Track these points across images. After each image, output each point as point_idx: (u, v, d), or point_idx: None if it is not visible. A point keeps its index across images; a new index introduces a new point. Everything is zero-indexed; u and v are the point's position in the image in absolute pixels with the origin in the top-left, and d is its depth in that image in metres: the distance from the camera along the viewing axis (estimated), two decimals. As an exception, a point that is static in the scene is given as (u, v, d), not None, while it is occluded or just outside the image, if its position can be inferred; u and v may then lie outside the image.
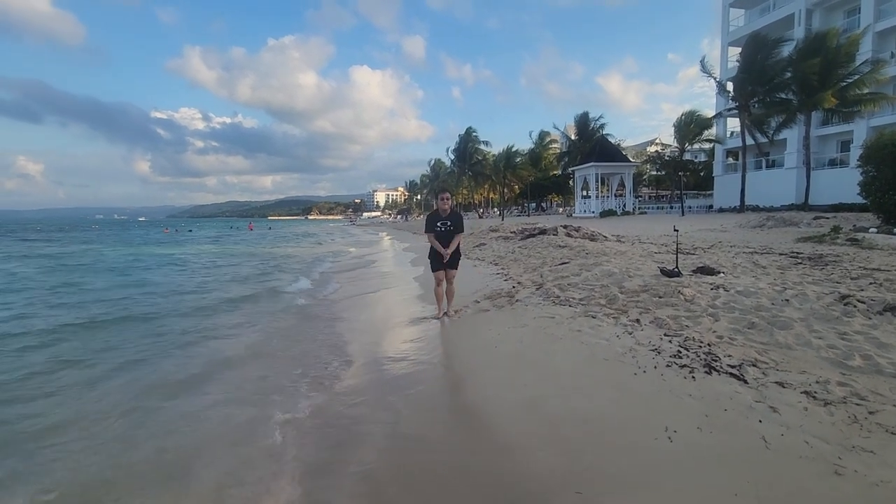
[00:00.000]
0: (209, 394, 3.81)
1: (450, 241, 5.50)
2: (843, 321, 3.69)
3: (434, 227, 5.55)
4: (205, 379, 4.17)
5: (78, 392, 3.93)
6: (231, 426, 3.17)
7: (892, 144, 11.56)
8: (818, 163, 28.22)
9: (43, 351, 5.20)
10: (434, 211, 5.65)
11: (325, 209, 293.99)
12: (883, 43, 26.33)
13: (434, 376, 3.77)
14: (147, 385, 4.05)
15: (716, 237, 13.58)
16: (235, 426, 3.16)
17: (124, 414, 3.45)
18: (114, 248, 25.10)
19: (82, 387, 4.04)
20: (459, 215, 5.70)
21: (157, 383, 4.09)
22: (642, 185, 52.70)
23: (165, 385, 4.04)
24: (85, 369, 4.53)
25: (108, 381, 4.17)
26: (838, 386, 2.71)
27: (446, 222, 5.52)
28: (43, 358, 4.90)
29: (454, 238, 5.52)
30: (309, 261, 16.94)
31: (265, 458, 2.67)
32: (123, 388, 3.99)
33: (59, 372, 4.44)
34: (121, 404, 3.63)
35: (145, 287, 10.35)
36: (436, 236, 5.54)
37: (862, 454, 2.07)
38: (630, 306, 4.76)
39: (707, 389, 2.84)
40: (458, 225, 5.57)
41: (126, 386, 4.06)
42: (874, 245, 9.50)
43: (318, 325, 6.20)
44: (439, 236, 5.53)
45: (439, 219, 5.53)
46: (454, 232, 5.52)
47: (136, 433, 3.13)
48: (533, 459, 2.34)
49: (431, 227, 5.57)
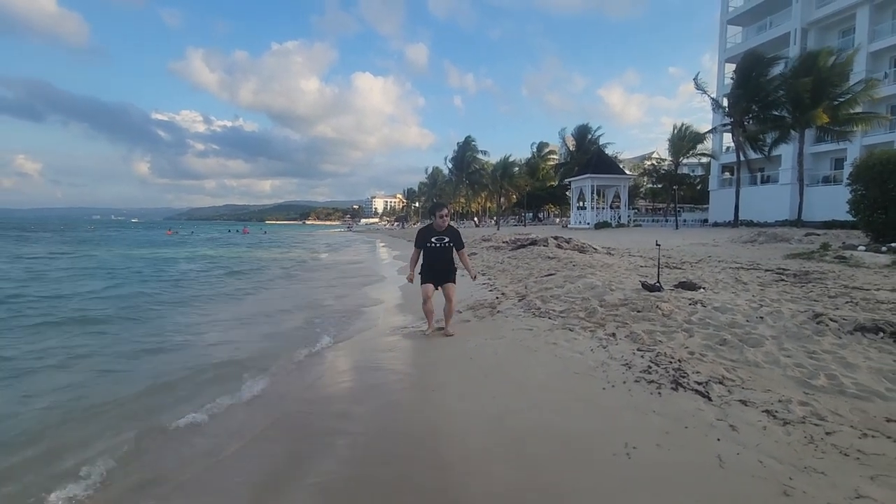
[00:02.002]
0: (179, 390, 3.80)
1: (445, 258, 5.12)
2: (814, 340, 3.71)
3: (426, 242, 5.12)
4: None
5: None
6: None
7: (879, 164, 11.67)
8: (812, 179, 28.44)
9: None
10: (428, 225, 5.25)
11: (322, 214, 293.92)
12: (877, 63, 26.67)
13: (405, 387, 3.76)
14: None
15: (706, 251, 13.64)
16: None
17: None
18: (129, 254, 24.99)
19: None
20: (457, 231, 5.33)
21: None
22: (639, 197, 52.93)
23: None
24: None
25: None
26: (799, 405, 2.72)
27: (443, 238, 5.09)
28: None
29: (454, 255, 5.18)
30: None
31: (213, 461, 2.66)
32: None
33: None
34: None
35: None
36: (427, 253, 5.13)
37: (813, 475, 2.08)
38: (608, 320, 4.78)
39: (672, 406, 2.85)
40: (457, 241, 5.20)
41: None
42: (861, 263, 9.56)
43: (292, 327, 6.19)
44: (433, 253, 5.10)
45: (434, 234, 5.10)
46: (451, 249, 5.15)
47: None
48: (491, 475, 2.33)
49: (423, 242, 5.15)
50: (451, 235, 5.16)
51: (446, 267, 5.14)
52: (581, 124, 45.04)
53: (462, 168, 57.72)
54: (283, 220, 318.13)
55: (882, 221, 11.92)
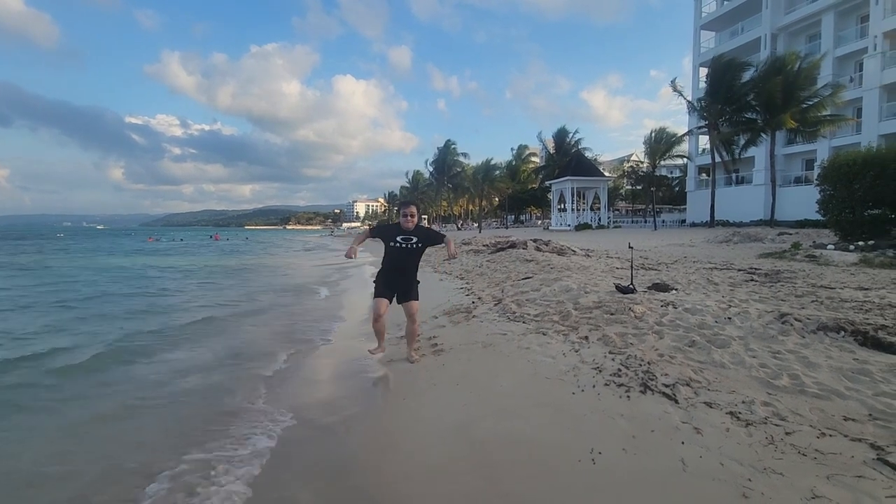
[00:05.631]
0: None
1: (411, 264, 4.34)
2: (779, 340, 3.77)
3: (390, 240, 4.28)
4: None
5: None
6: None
7: (846, 165, 12.03)
8: (784, 180, 29.20)
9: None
10: (396, 223, 4.40)
11: (304, 219, 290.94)
12: (842, 67, 27.56)
13: (372, 395, 3.72)
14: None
15: (682, 252, 13.87)
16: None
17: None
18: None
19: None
20: (429, 229, 4.60)
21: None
22: (619, 199, 53.68)
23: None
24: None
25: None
26: (762, 406, 2.76)
27: (410, 238, 4.24)
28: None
29: (420, 262, 4.40)
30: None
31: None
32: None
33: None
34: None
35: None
36: (390, 254, 4.32)
37: (771, 476, 2.10)
38: (581, 323, 4.79)
39: (639, 410, 2.86)
40: (431, 238, 4.41)
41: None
42: (830, 261, 9.83)
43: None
44: (397, 255, 4.28)
45: (399, 232, 4.26)
46: (420, 252, 4.36)
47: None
48: (454, 484, 2.31)
49: (385, 236, 4.34)
50: (422, 235, 4.33)
51: (410, 277, 4.36)
52: (560, 127, 45.52)
53: (443, 171, 57.88)
54: (264, 225, 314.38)
55: (850, 221, 12.29)
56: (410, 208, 4.32)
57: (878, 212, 11.90)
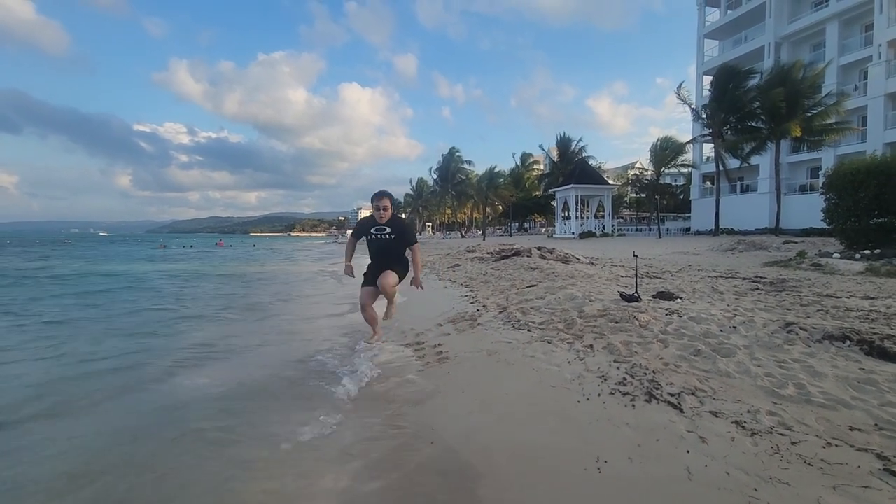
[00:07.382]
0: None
1: (392, 253, 4.43)
2: (784, 349, 3.77)
3: (366, 233, 4.41)
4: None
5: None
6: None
7: (850, 173, 12.01)
8: (790, 188, 29.17)
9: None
10: (371, 215, 4.49)
11: (308, 226, 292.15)
12: (847, 76, 27.61)
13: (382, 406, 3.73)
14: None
15: (687, 260, 13.84)
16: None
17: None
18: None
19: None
20: (404, 223, 4.65)
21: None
22: (623, 206, 53.68)
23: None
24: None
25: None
26: (768, 415, 2.76)
27: (383, 229, 4.34)
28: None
29: (405, 252, 4.50)
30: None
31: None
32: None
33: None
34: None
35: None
36: (369, 245, 4.45)
37: (777, 486, 2.10)
38: (586, 331, 4.80)
39: (644, 418, 2.87)
40: (405, 234, 4.45)
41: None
42: (836, 270, 9.79)
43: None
44: (374, 246, 4.40)
45: (374, 224, 4.37)
46: (400, 242, 4.42)
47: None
48: (460, 492, 2.32)
49: (362, 231, 4.47)
50: (396, 227, 4.38)
51: (393, 267, 4.46)
52: (563, 135, 45.67)
53: (447, 179, 58.07)
54: (269, 232, 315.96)
55: (855, 229, 12.25)
56: (383, 200, 4.36)
57: (884, 220, 11.86)
